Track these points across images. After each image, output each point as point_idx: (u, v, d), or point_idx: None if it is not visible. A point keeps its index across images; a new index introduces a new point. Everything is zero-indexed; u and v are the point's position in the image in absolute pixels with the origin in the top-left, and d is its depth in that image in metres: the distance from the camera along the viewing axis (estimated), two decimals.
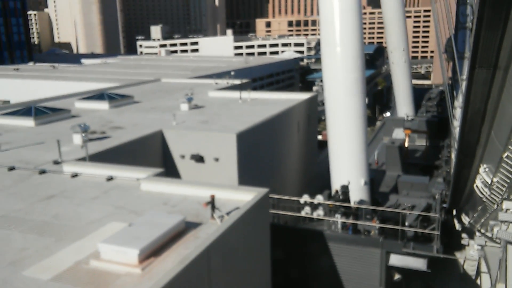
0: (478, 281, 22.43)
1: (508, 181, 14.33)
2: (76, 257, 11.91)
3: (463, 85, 24.05)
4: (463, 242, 23.32)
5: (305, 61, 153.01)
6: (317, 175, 38.37)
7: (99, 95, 36.17)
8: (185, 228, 13.33)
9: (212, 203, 14.03)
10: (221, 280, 12.98)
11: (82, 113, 32.62)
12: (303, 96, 38.44)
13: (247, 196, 15.65)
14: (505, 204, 15.26)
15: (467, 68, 19.58)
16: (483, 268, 21.55)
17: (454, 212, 25.47)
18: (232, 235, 13.50)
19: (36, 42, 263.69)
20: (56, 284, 10.67)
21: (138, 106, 35.80)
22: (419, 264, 19.87)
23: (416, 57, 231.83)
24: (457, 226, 24.92)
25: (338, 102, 29.17)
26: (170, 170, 24.99)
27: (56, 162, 20.29)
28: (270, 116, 30.24)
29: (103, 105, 34.48)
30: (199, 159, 25.22)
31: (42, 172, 19.24)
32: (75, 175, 18.73)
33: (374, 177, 39.02)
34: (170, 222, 12.73)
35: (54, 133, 26.27)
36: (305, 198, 23.40)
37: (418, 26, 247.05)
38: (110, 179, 18.12)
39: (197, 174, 25.26)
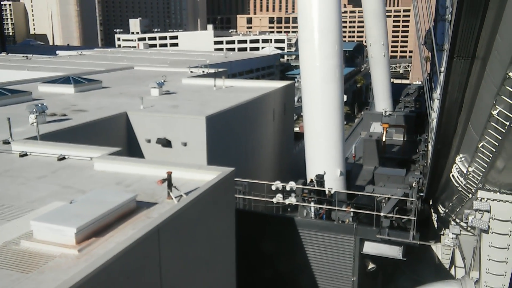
0: (453, 270, 21.84)
1: (483, 170, 14.03)
2: (6, 238, 10.44)
3: (441, 76, 23.77)
4: (439, 231, 22.77)
5: (285, 57, 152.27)
6: (292, 166, 37.35)
7: (64, 79, 34.30)
8: (136, 207, 11.96)
9: (168, 181, 12.66)
10: (174, 266, 11.66)
11: (44, 96, 30.73)
12: (279, 84, 37.31)
13: (211, 175, 14.34)
14: (480, 193, 15.13)
15: (445, 58, 19.11)
16: (458, 257, 20.95)
17: (430, 202, 24.90)
18: (189, 216, 12.20)
19: (10, 33, 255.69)
20: None
21: (106, 91, 34.04)
22: (394, 252, 18.91)
23: (395, 56, 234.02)
24: (433, 216, 24.35)
25: (315, 89, 28.27)
26: (135, 156, 23.45)
27: (6, 142, 18.63)
28: (244, 101, 28.99)
29: (68, 89, 32.66)
30: (166, 143, 23.81)
31: None
32: (24, 154, 17.12)
33: (351, 170, 38.31)
34: (117, 200, 11.33)
35: (10, 114, 24.39)
36: (277, 184, 22.23)
37: (398, 26, 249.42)
38: (62, 158, 16.58)
39: (164, 159, 23.80)
